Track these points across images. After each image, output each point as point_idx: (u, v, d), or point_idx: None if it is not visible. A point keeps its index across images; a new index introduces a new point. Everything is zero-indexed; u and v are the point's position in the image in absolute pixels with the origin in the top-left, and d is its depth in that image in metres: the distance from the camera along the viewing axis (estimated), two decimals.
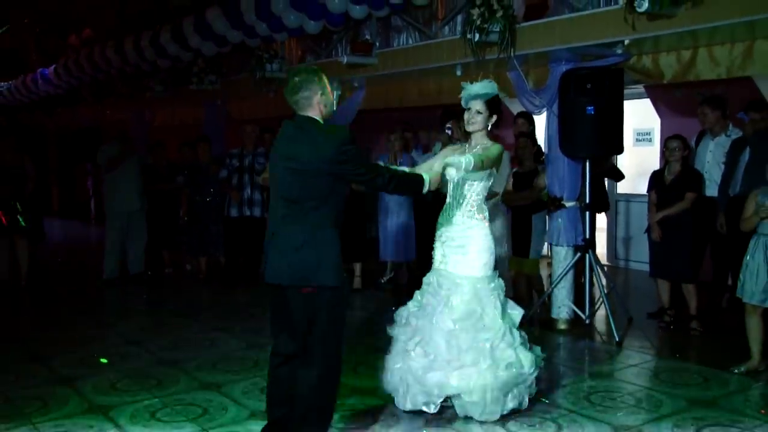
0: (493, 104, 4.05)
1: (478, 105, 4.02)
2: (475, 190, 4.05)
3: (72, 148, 16.48)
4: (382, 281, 7.90)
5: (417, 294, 4.21)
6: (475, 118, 4.03)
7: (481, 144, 4.09)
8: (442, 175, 3.80)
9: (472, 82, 4.04)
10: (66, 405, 4.31)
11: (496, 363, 3.86)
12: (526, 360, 3.96)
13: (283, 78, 8.45)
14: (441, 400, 3.97)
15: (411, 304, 4.21)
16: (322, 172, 3.23)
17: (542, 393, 4.32)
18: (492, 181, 4.12)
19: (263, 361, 5.13)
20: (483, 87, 4.00)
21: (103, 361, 5.21)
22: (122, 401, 4.37)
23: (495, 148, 4.04)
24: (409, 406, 3.98)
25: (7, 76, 15.48)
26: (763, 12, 4.42)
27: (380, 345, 4.22)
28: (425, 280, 4.19)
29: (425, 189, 3.61)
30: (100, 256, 8.34)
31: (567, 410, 4.15)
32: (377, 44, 7.39)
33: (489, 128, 4.12)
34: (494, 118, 4.08)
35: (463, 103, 4.09)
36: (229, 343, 5.67)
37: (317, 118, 3.34)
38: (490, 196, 4.78)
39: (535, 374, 4.06)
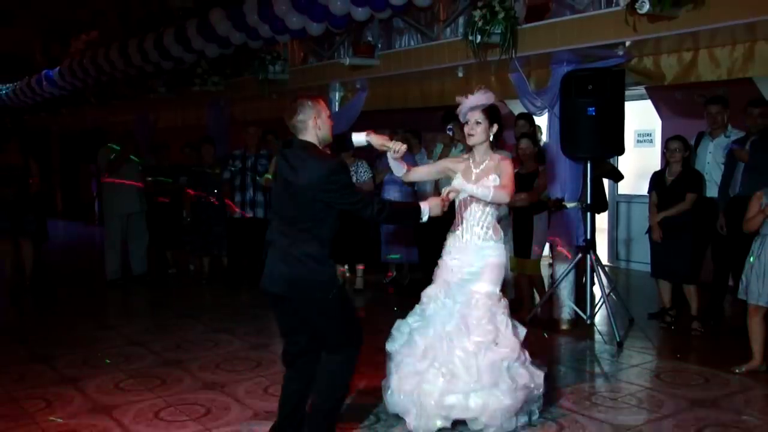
0: (492, 113, 3.88)
1: (476, 115, 3.85)
2: (490, 211, 3.89)
3: (76, 149, 16.53)
4: (385, 282, 7.95)
5: (417, 308, 4.03)
6: (475, 129, 3.85)
7: (487, 160, 3.90)
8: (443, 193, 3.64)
9: (467, 96, 3.87)
10: (70, 405, 4.35)
11: (514, 383, 3.75)
12: (538, 378, 3.90)
13: (286, 80, 8.51)
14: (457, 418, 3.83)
15: (411, 320, 4.03)
16: (313, 197, 3.33)
17: (544, 393, 4.33)
18: None
19: (266, 361, 5.19)
20: (478, 98, 3.84)
21: (106, 361, 5.24)
22: (126, 401, 4.40)
23: (506, 166, 3.84)
24: (423, 428, 3.78)
25: (13, 78, 15.54)
26: (764, 14, 4.43)
27: (382, 345, 4.22)
28: (429, 293, 3.99)
29: (424, 218, 3.55)
30: (104, 258, 8.37)
31: (568, 410, 4.17)
32: (379, 46, 7.42)
33: (491, 139, 3.91)
34: (495, 127, 3.89)
35: (461, 118, 3.93)
36: (233, 344, 5.70)
37: (314, 141, 3.46)
38: None
39: (543, 389, 3.98)
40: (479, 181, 3.83)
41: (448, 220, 3.99)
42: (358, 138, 3.77)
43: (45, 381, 4.83)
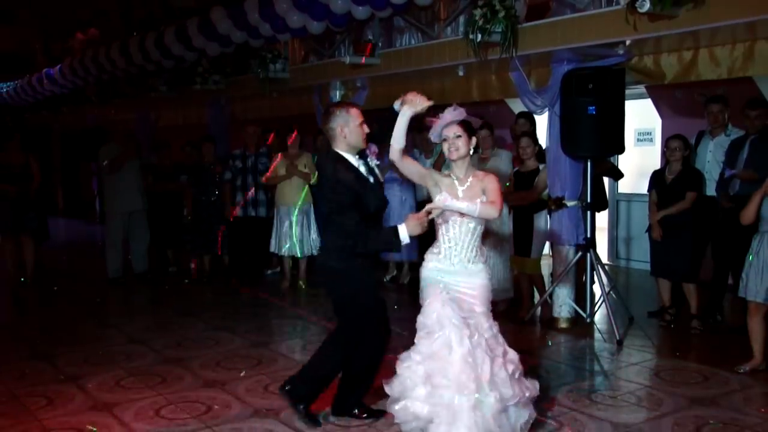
0: (468, 126, 3.77)
1: (453, 129, 3.71)
2: (478, 232, 3.76)
3: (77, 148, 16.53)
4: (385, 280, 7.96)
5: (421, 338, 3.65)
6: (457, 143, 3.70)
7: (471, 176, 3.76)
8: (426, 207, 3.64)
9: (439, 116, 3.75)
10: (71, 402, 4.36)
11: (529, 394, 3.66)
12: (537, 387, 3.78)
13: (286, 78, 8.51)
14: None
15: (420, 350, 3.64)
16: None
17: (544, 391, 4.34)
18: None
19: (266, 359, 5.21)
20: (451, 115, 3.72)
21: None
22: (127, 398, 4.41)
23: (491, 182, 3.71)
24: None
25: (14, 78, 15.55)
26: (764, 13, 4.43)
27: None
28: (432, 312, 3.63)
29: (405, 240, 3.71)
30: (105, 256, 8.38)
31: (568, 408, 4.19)
32: (380, 45, 7.42)
33: (471, 152, 3.78)
34: (474, 140, 3.78)
35: (435, 138, 3.81)
36: (233, 342, 5.71)
37: (342, 150, 3.82)
38: None
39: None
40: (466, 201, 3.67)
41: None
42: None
43: (46, 379, 4.84)
